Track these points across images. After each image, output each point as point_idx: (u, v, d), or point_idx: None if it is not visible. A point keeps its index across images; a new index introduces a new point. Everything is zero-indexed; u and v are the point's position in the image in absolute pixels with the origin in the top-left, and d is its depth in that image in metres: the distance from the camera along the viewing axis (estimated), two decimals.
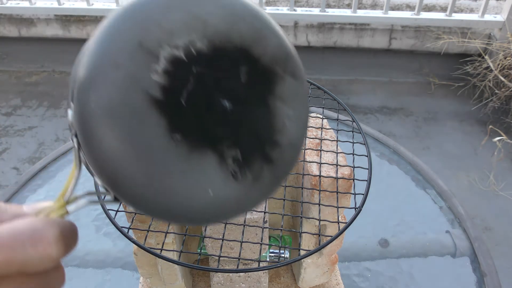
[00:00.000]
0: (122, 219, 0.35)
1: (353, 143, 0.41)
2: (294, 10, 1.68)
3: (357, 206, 0.33)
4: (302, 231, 0.35)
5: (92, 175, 0.24)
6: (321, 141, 0.41)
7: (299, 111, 0.25)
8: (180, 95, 0.21)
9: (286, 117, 0.24)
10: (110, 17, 0.22)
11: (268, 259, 0.41)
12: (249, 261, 0.40)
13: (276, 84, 0.24)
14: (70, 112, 0.22)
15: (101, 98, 0.20)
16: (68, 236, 0.22)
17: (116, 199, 0.24)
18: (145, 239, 0.34)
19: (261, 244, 0.34)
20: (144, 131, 0.21)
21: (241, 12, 0.23)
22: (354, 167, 0.38)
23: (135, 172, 0.21)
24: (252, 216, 0.36)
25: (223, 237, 0.34)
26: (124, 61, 0.20)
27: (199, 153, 0.22)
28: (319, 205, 0.36)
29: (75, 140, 0.22)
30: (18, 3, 1.84)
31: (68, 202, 0.23)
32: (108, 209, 0.33)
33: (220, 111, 0.22)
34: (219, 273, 0.40)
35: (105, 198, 0.26)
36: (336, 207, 0.36)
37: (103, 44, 0.21)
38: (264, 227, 0.36)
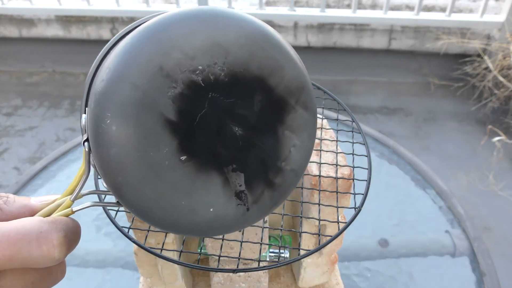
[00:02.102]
0: (123, 219, 0.35)
1: (353, 143, 0.41)
2: (294, 11, 1.68)
3: (356, 206, 0.34)
4: (302, 231, 0.35)
5: (100, 177, 0.25)
6: (320, 141, 0.41)
7: (306, 141, 0.26)
8: (193, 119, 0.22)
9: (292, 146, 0.25)
10: (134, 36, 0.22)
11: (268, 259, 0.41)
12: (249, 261, 0.40)
13: (287, 114, 0.24)
14: (84, 117, 0.23)
15: (116, 113, 0.21)
16: (72, 238, 0.23)
17: (119, 203, 0.25)
18: (145, 239, 0.34)
19: (261, 244, 0.34)
20: (154, 149, 0.22)
21: (262, 42, 0.23)
22: (354, 167, 0.38)
23: (140, 185, 0.22)
24: None
25: (223, 237, 0.34)
26: (143, 83, 0.21)
27: (205, 174, 0.23)
28: (319, 205, 0.36)
29: (86, 144, 0.23)
30: (19, 4, 1.83)
31: (74, 201, 0.24)
32: (109, 209, 0.33)
33: (229, 136, 0.23)
34: (219, 272, 0.41)
35: (108, 200, 0.27)
36: (336, 207, 0.36)
37: (124, 64, 0.21)
38: (264, 227, 0.36)
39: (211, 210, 0.24)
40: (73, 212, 0.24)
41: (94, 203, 0.26)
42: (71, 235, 0.23)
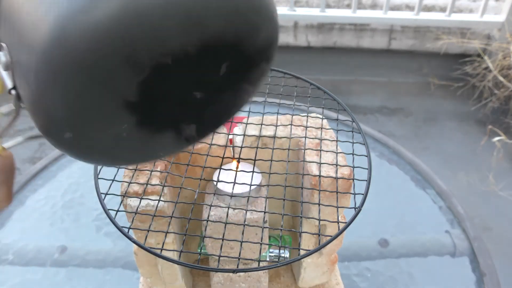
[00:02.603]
0: (123, 219, 0.35)
1: (353, 143, 0.41)
2: (294, 11, 1.68)
3: (356, 206, 0.34)
4: (302, 231, 0.35)
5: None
6: (321, 141, 0.41)
7: (258, 86, 0.25)
8: (156, 91, 0.21)
9: (247, 95, 0.25)
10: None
11: (268, 259, 0.41)
12: (249, 261, 0.40)
13: (251, 71, 0.24)
14: (2, 54, 0.21)
15: (68, 88, 0.19)
16: (4, 169, 0.25)
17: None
18: (145, 239, 0.34)
19: (261, 244, 0.34)
20: (112, 126, 0.21)
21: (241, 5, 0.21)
22: (354, 167, 0.38)
23: (93, 148, 0.22)
24: (252, 216, 0.37)
25: (223, 237, 0.34)
26: (100, 55, 0.19)
27: (160, 134, 0.23)
28: (319, 205, 0.36)
29: (14, 92, 0.22)
30: None
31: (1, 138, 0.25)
32: (109, 209, 0.33)
33: (191, 102, 0.22)
34: (219, 272, 0.41)
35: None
36: (336, 207, 0.36)
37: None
38: (264, 227, 0.36)
39: (161, 153, 0.25)
40: (4, 149, 0.26)
41: (26, 137, 0.26)
42: (2, 167, 0.25)
